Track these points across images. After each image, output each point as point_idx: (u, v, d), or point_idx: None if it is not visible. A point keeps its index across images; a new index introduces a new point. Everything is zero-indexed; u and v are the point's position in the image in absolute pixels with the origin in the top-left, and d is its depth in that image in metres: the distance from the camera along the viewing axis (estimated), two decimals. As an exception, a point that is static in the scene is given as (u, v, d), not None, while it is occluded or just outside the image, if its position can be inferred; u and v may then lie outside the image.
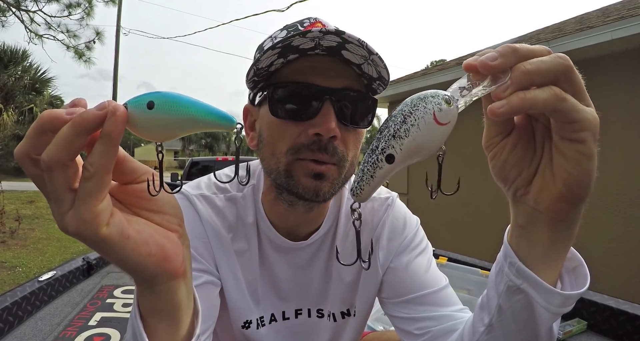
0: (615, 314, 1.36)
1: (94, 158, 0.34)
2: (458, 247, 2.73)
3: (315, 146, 0.66)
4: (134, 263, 0.39)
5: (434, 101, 0.36)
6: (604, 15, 4.26)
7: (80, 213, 0.35)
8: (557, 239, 0.47)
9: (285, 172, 0.69)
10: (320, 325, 0.88)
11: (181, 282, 0.43)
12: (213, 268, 0.78)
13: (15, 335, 1.37)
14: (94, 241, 0.36)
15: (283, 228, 0.81)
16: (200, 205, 0.78)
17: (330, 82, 0.67)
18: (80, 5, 9.45)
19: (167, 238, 0.42)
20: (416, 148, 0.36)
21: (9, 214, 7.45)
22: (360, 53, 0.64)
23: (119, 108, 0.35)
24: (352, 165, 0.73)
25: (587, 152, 0.38)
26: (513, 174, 0.46)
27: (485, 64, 0.36)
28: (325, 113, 0.65)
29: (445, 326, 0.74)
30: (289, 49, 0.65)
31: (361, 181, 0.38)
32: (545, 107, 0.36)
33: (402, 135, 0.36)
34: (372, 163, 0.37)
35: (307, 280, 0.85)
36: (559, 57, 0.37)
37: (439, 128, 0.36)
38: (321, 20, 0.74)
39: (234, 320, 0.82)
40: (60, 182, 0.35)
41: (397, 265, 0.84)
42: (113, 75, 14.15)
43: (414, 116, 0.36)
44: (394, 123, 0.36)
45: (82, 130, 0.34)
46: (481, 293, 0.60)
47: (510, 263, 0.50)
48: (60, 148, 0.34)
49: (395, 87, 5.68)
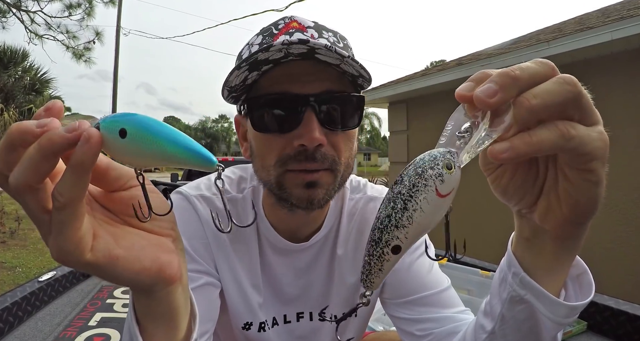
0: (615, 314, 1.35)
1: (64, 187, 0.31)
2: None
3: (302, 156, 0.65)
4: (128, 279, 0.38)
5: (433, 174, 0.32)
6: (603, 16, 4.26)
7: (59, 242, 0.33)
8: (562, 253, 0.46)
9: (277, 184, 0.68)
10: (322, 328, 0.87)
11: (178, 287, 0.42)
12: (213, 269, 0.78)
13: (15, 335, 1.37)
14: (80, 267, 0.35)
15: (283, 231, 0.80)
16: (200, 205, 0.78)
17: (309, 87, 0.65)
18: (81, 6, 9.45)
19: (161, 246, 0.40)
20: (422, 231, 0.34)
21: (9, 214, 7.44)
22: (333, 55, 0.62)
23: (92, 135, 0.31)
24: (348, 166, 0.71)
25: (595, 180, 0.37)
26: (516, 197, 0.44)
27: (482, 101, 0.32)
28: (306, 122, 0.64)
29: (447, 328, 0.74)
30: (257, 63, 0.63)
31: (370, 274, 0.36)
32: (552, 150, 0.34)
33: (405, 224, 0.33)
34: (378, 256, 0.34)
35: (308, 282, 0.84)
36: (566, 82, 0.33)
37: (444, 201, 0.33)
38: (297, 19, 0.71)
39: (234, 321, 0.82)
40: (33, 205, 0.33)
41: (399, 266, 0.83)
42: (113, 76, 14.15)
43: (415, 200, 0.32)
44: (394, 211, 0.33)
45: (48, 153, 0.31)
46: (481, 293, 0.60)
47: (514, 273, 0.49)
48: (28, 171, 0.31)
49: (395, 87, 5.67)
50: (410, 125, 5.66)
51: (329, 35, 0.70)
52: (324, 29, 0.71)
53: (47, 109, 0.34)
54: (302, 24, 0.70)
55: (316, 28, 0.70)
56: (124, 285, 0.40)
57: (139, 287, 0.40)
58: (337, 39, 0.71)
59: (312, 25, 0.70)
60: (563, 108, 0.33)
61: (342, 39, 0.73)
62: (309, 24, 0.70)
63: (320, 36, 0.69)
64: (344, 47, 0.71)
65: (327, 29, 0.72)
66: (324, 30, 0.71)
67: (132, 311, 0.44)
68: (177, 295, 0.42)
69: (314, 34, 0.68)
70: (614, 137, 0.35)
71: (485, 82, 0.33)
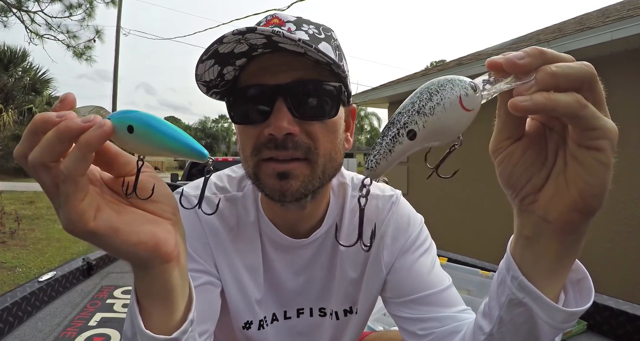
0: (615, 314, 1.36)
1: (69, 162, 0.37)
2: (458, 247, 2.73)
3: (272, 144, 0.65)
4: (125, 251, 0.42)
5: (461, 85, 0.35)
6: (603, 16, 4.27)
7: (66, 212, 0.38)
8: (563, 252, 0.45)
9: (254, 174, 0.69)
10: (322, 324, 0.87)
11: (174, 266, 0.46)
12: (213, 268, 0.78)
13: (15, 335, 1.37)
14: (84, 235, 0.39)
15: (283, 226, 0.80)
16: None
17: (280, 77, 0.65)
18: (81, 6, 9.46)
19: (159, 225, 0.45)
20: (439, 128, 0.35)
21: (9, 215, 7.44)
22: (287, 41, 0.60)
23: (106, 123, 0.38)
24: (331, 159, 0.70)
25: (605, 161, 0.38)
26: (523, 180, 0.44)
27: (512, 62, 0.35)
28: (276, 111, 0.64)
29: (449, 328, 0.74)
30: (225, 57, 0.63)
31: (377, 154, 0.36)
32: (566, 111, 0.35)
33: (427, 112, 0.34)
34: (392, 137, 0.35)
35: (309, 278, 0.84)
36: (585, 64, 0.37)
37: (463, 114, 0.35)
38: (279, 15, 0.71)
39: (235, 320, 0.82)
40: (47, 181, 0.38)
41: (401, 264, 0.83)
42: (113, 76, 14.15)
43: (441, 95, 0.35)
44: (419, 100, 0.35)
45: (65, 137, 0.37)
46: (481, 293, 0.60)
47: (513, 276, 0.49)
48: (43, 151, 0.37)
49: (395, 87, 5.68)
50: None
51: (309, 27, 0.70)
52: (304, 22, 0.71)
53: (61, 101, 0.40)
54: (282, 19, 0.70)
55: (296, 22, 0.70)
56: (122, 258, 0.44)
57: (137, 260, 0.44)
58: (319, 30, 0.71)
59: (292, 20, 0.70)
60: (580, 84, 0.36)
61: (326, 31, 0.72)
62: (289, 19, 0.70)
63: (299, 29, 0.69)
64: (326, 38, 0.71)
65: (309, 22, 0.71)
66: (305, 23, 0.70)
67: (133, 292, 0.48)
68: (173, 274, 0.46)
69: (292, 27, 0.69)
70: (614, 137, 0.35)
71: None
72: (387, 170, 0.37)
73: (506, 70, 0.36)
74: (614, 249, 3.45)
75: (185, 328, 0.47)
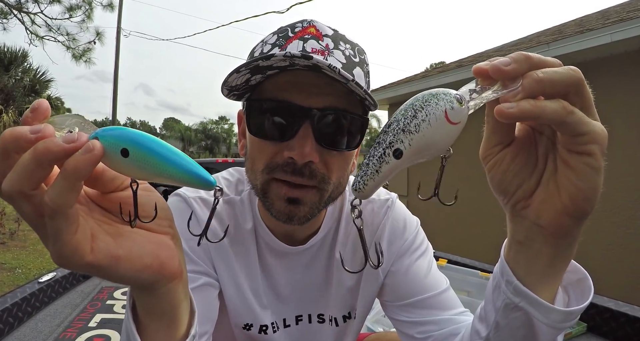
0: (615, 316, 1.35)
1: (55, 193, 0.31)
2: (458, 249, 2.73)
3: (289, 168, 0.63)
4: (131, 278, 0.38)
5: (446, 99, 0.35)
6: (603, 18, 4.27)
7: (58, 248, 0.33)
8: (557, 256, 0.45)
9: (262, 190, 0.68)
10: (322, 330, 0.87)
11: (179, 283, 0.43)
12: (211, 270, 0.78)
13: (15, 336, 1.36)
14: (83, 269, 0.35)
15: (279, 233, 0.80)
16: (198, 207, 0.78)
17: (312, 100, 0.62)
18: (81, 8, 9.48)
19: (160, 244, 0.41)
20: (425, 145, 0.35)
21: (9, 215, 7.44)
22: (337, 77, 0.58)
23: (96, 146, 0.32)
24: (339, 185, 0.70)
25: (594, 165, 0.38)
26: (513, 186, 0.44)
27: (497, 69, 0.35)
28: (302, 135, 0.62)
29: (447, 330, 0.74)
30: (260, 68, 0.61)
31: (365, 175, 0.36)
32: (552, 118, 0.36)
33: (412, 130, 0.34)
34: (379, 157, 0.35)
35: (306, 285, 0.84)
36: (571, 69, 0.37)
37: (450, 127, 0.35)
38: (316, 24, 0.67)
39: (234, 321, 0.82)
40: (29, 210, 0.33)
41: (397, 268, 0.83)
42: (114, 78, 14.16)
43: (426, 111, 0.35)
44: (404, 118, 0.35)
45: (45, 161, 0.31)
46: (481, 295, 0.60)
47: (508, 281, 0.48)
48: (21, 178, 0.31)
49: (395, 89, 5.68)
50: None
51: (345, 47, 0.67)
52: (342, 40, 0.67)
53: (33, 110, 0.33)
54: (320, 30, 0.66)
55: (334, 38, 0.66)
56: (127, 284, 0.40)
57: (142, 285, 0.40)
58: (354, 52, 0.68)
59: (330, 34, 0.66)
60: (566, 89, 0.36)
61: (360, 53, 0.69)
62: (326, 32, 0.66)
63: (336, 47, 0.65)
64: (360, 63, 0.68)
65: (345, 40, 0.68)
66: (342, 40, 0.67)
67: (129, 311, 0.45)
68: (178, 291, 0.43)
69: (330, 44, 0.65)
70: (613, 139, 0.35)
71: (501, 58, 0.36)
72: (376, 190, 0.37)
73: (492, 77, 0.36)
74: (614, 251, 3.45)
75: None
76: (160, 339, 0.44)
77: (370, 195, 0.37)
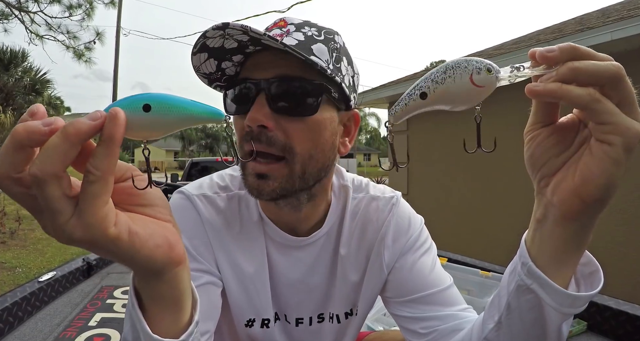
0: (615, 314, 1.35)
1: (98, 161, 0.34)
2: (458, 248, 2.73)
3: (249, 136, 0.66)
4: (144, 257, 0.39)
5: (475, 65, 0.41)
6: (604, 16, 4.27)
7: (86, 218, 0.34)
8: (567, 239, 0.47)
9: (242, 165, 0.72)
10: (322, 329, 0.87)
11: (184, 269, 0.45)
12: (214, 268, 0.78)
13: (15, 335, 1.37)
14: (103, 243, 0.36)
15: (283, 225, 0.80)
16: (202, 205, 0.78)
17: (265, 73, 0.67)
18: (81, 7, 9.48)
19: (166, 228, 0.43)
20: (446, 95, 0.42)
21: (9, 215, 7.44)
22: (266, 39, 0.61)
23: (119, 113, 0.35)
24: (312, 158, 0.69)
25: (613, 156, 0.39)
26: (541, 161, 0.47)
27: (541, 54, 0.40)
28: (256, 104, 0.66)
29: (451, 326, 0.74)
30: (217, 51, 0.66)
31: (398, 104, 0.45)
32: (575, 102, 0.39)
33: (438, 81, 0.42)
34: (409, 94, 0.44)
35: (311, 282, 0.84)
36: (612, 64, 0.39)
37: (472, 88, 0.41)
38: (287, 18, 0.72)
39: (237, 318, 0.82)
40: (57, 193, 0.34)
41: (402, 264, 0.83)
42: (113, 77, 14.15)
43: (454, 70, 0.42)
44: (437, 71, 0.43)
45: (77, 141, 0.34)
46: (481, 293, 0.60)
47: (523, 263, 0.51)
48: (54, 161, 0.33)
49: (395, 87, 5.68)
50: (410, 125, 5.66)
51: (310, 30, 0.71)
52: (308, 25, 0.72)
53: (33, 114, 0.35)
54: (287, 21, 0.72)
55: (299, 24, 0.71)
56: (138, 266, 0.41)
57: (153, 267, 0.41)
58: (320, 33, 0.71)
59: (296, 23, 0.71)
60: (600, 81, 0.39)
61: (327, 33, 0.72)
62: (293, 22, 0.72)
63: (298, 30, 0.70)
64: (324, 40, 0.70)
65: (313, 25, 0.72)
66: (308, 25, 0.72)
67: (133, 298, 0.45)
68: (184, 277, 0.45)
69: (291, 28, 0.70)
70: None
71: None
72: (405, 118, 0.45)
73: (537, 61, 0.40)
74: (615, 249, 3.45)
75: (191, 330, 0.47)
76: (166, 326, 0.45)
77: (399, 119, 0.45)
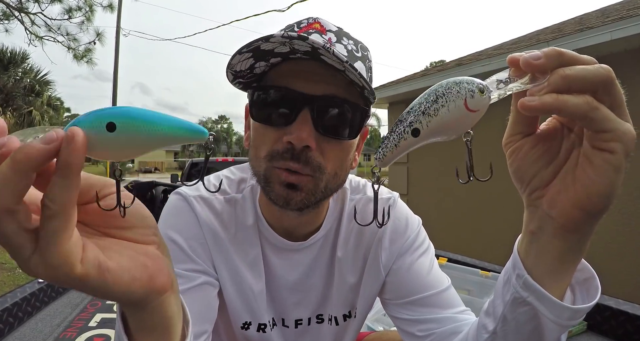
0: (615, 314, 1.35)
1: (56, 192, 0.29)
2: (458, 248, 2.73)
3: (288, 154, 0.65)
4: (119, 293, 0.35)
5: (468, 87, 0.37)
6: (603, 16, 4.26)
7: (48, 258, 0.30)
8: (566, 251, 0.46)
9: (264, 177, 0.69)
10: (321, 330, 0.87)
11: (170, 295, 0.41)
12: (211, 269, 0.78)
13: (15, 336, 1.37)
14: (69, 282, 0.32)
15: (281, 230, 0.80)
16: (199, 206, 0.78)
17: (312, 87, 0.64)
18: (81, 9, 9.49)
19: (147, 254, 0.38)
20: (441, 128, 0.38)
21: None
22: (331, 57, 0.59)
23: (77, 134, 0.30)
24: (336, 176, 0.70)
25: (614, 163, 0.38)
26: (529, 174, 0.45)
27: (527, 62, 0.37)
28: (300, 121, 0.63)
29: (448, 328, 0.74)
30: (262, 53, 0.62)
31: (385, 148, 0.40)
32: (574, 112, 0.36)
33: (430, 113, 0.38)
34: (399, 133, 0.39)
35: (308, 284, 0.84)
36: (602, 67, 0.37)
37: (467, 115, 0.38)
38: (321, 21, 0.70)
39: (234, 320, 0.82)
40: (12, 228, 0.30)
41: (399, 266, 0.83)
42: (113, 77, 14.13)
43: (446, 98, 0.37)
44: (426, 101, 0.38)
45: (27, 169, 0.28)
46: (481, 293, 0.60)
47: (518, 275, 0.49)
48: (4, 194, 0.28)
49: (395, 87, 5.67)
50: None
51: (348, 42, 0.69)
52: (345, 36, 0.69)
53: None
54: (324, 26, 0.69)
55: (337, 33, 0.69)
56: (115, 300, 0.37)
57: (132, 300, 0.37)
58: (357, 48, 0.70)
59: (333, 30, 0.69)
60: (593, 87, 0.37)
61: (363, 49, 0.71)
62: (330, 28, 0.69)
63: (339, 41, 0.68)
64: (362, 58, 0.70)
65: (349, 36, 0.70)
66: (345, 37, 0.69)
67: (121, 327, 0.42)
68: (170, 303, 0.41)
69: (332, 38, 0.67)
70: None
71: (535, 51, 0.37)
72: (394, 161, 0.40)
73: (522, 69, 0.37)
74: (614, 249, 3.45)
75: None
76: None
77: (388, 164, 0.41)
